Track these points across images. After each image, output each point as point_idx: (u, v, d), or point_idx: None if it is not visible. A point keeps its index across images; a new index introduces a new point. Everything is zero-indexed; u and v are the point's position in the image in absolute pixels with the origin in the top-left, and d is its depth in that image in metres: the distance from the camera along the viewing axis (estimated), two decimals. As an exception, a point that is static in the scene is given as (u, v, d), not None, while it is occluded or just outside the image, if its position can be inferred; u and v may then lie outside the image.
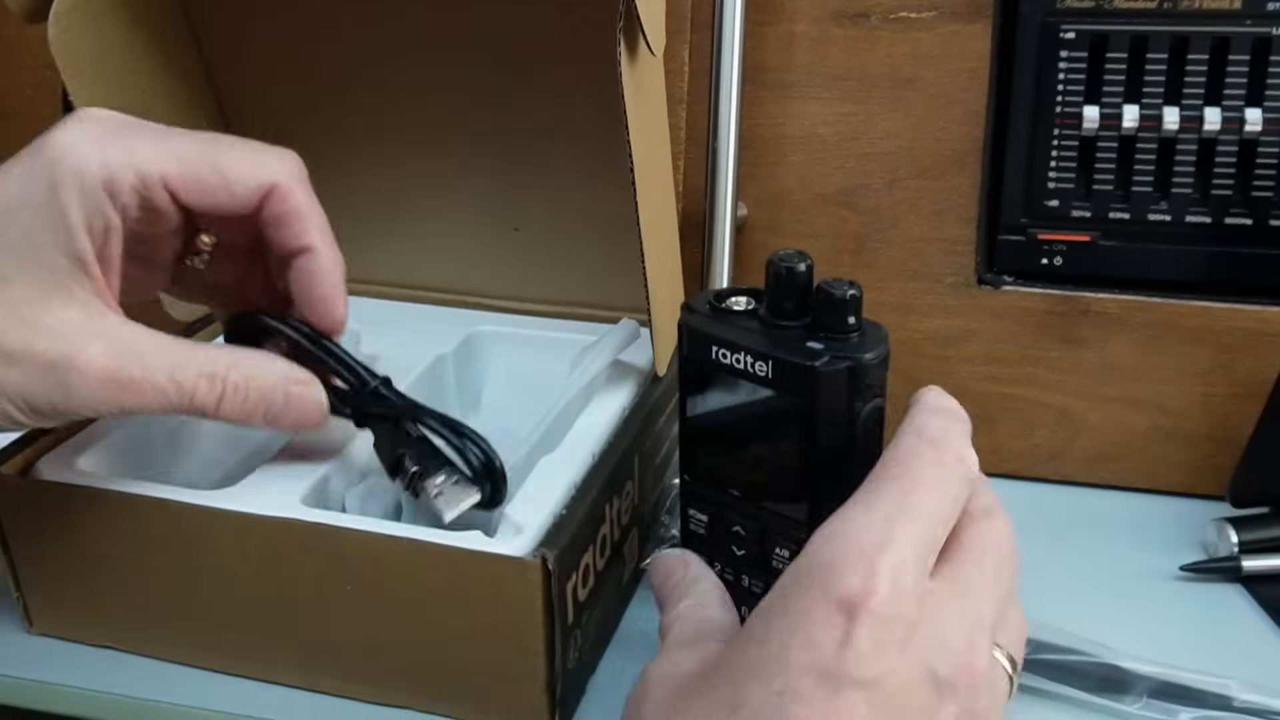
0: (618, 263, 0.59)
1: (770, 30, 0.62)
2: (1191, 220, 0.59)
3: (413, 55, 0.59)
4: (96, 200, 0.38)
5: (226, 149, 0.41)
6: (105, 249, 0.39)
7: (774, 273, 0.43)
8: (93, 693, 0.46)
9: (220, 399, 0.40)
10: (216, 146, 0.41)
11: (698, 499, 0.47)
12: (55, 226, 0.37)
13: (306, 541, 0.43)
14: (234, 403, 0.40)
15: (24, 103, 0.72)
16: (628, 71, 0.45)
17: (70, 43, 0.51)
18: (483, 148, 0.61)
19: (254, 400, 0.40)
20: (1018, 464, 0.64)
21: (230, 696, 0.46)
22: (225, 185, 0.40)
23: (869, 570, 0.30)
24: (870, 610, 0.29)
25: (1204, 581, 0.55)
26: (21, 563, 0.48)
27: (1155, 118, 0.58)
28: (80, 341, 0.37)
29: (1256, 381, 0.59)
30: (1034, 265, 0.61)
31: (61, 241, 0.37)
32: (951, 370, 0.63)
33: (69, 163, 0.37)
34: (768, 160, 0.63)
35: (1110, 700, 0.45)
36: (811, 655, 0.29)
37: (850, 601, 0.29)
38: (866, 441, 0.43)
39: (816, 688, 0.28)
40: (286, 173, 0.42)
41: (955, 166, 0.61)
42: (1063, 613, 0.49)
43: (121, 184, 0.38)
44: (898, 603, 0.29)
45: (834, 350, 0.41)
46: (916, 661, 0.29)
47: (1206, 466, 0.61)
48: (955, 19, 0.59)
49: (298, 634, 0.45)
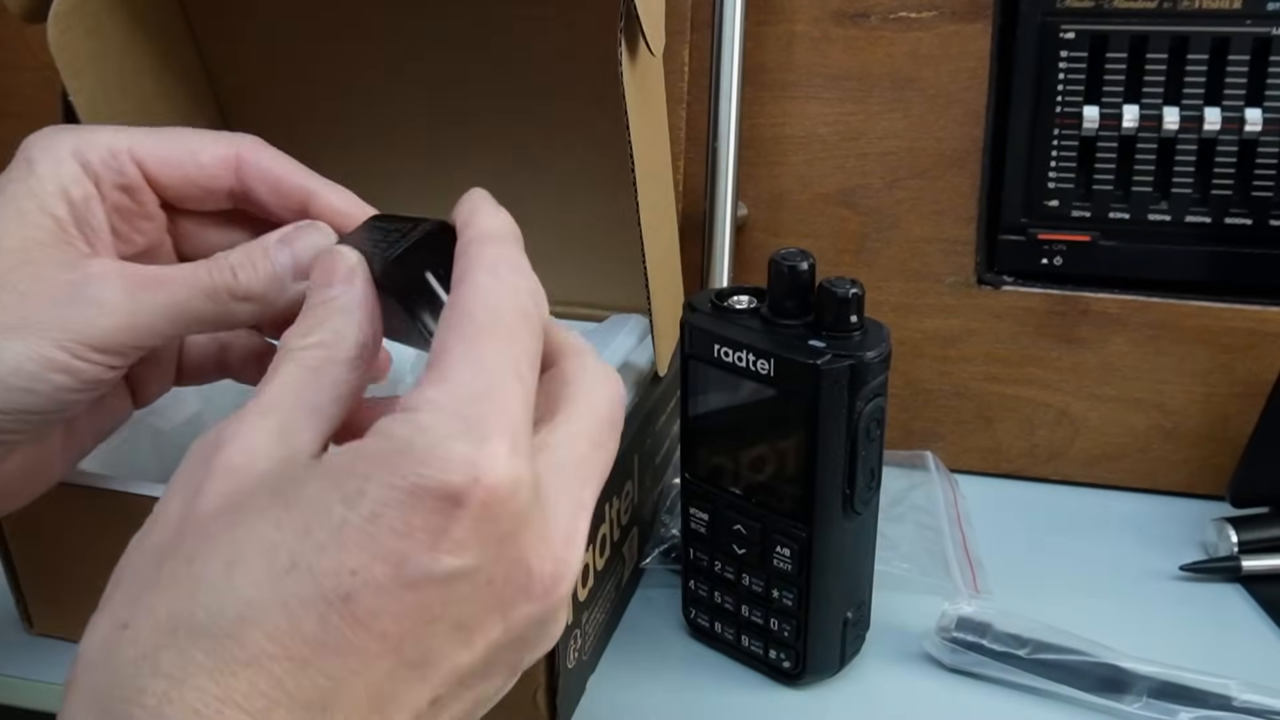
0: (618, 263, 0.59)
1: (770, 30, 0.62)
2: (1191, 220, 0.59)
3: (413, 56, 0.59)
4: (70, 169, 0.39)
5: (191, 131, 0.42)
6: (89, 218, 0.39)
7: (776, 271, 0.43)
8: (92, 692, 0.46)
9: (234, 272, 0.39)
10: (182, 130, 0.42)
11: (698, 498, 0.47)
12: (34, 194, 0.38)
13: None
14: (248, 272, 0.39)
15: (24, 103, 0.72)
16: (628, 72, 0.45)
17: (70, 43, 0.51)
18: (483, 148, 0.61)
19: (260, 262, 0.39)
20: (1018, 464, 0.64)
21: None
22: (191, 154, 0.41)
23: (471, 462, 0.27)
24: (476, 501, 0.26)
25: (1204, 581, 0.55)
26: (21, 563, 0.48)
27: (1155, 118, 0.58)
28: (88, 262, 0.38)
29: (1256, 381, 0.59)
30: (1034, 265, 0.61)
31: (42, 206, 0.38)
32: (951, 370, 0.63)
33: (41, 143, 0.39)
34: (768, 160, 0.63)
35: (1110, 700, 0.45)
36: (404, 544, 0.26)
37: (455, 494, 0.26)
38: (867, 440, 0.43)
39: (398, 574, 0.26)
40: (250, 141, 0.42)
41: (955, 166, 0.61)
42: (1063, 613, 0.49)
43: (91, 154, 0.39)
44: (502, 497, 0.27)
45: (836, 349, 0.41)
46: (514, 558, 0.28)
47: (1206, 466, 0.61)
48: (955, 19, 0.59)
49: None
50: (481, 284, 0.31)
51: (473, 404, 0.28)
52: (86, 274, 0.37)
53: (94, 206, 0.39)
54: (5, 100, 0.72)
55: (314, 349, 0.32)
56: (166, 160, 0.40)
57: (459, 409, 0.27)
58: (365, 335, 0.34)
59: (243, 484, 0.28)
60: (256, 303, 0.39)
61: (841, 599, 0.46)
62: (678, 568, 0.51)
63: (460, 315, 0.30)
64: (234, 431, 0.29)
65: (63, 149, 0.39)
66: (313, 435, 0.31)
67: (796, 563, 0.44)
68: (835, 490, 0.43)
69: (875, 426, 0.43)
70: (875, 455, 0.44)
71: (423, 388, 0.28)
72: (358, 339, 0.33)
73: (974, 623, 0.48)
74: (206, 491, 0.28)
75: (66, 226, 0.38)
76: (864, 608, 0.48)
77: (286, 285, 0.39)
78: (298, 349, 0.32)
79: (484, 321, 0.30)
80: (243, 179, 0.41)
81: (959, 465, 0.64)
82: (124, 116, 0.55)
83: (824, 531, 0.44)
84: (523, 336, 0.30)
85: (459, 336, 0.30)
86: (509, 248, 0.33)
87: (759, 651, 0.47)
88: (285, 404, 0.31)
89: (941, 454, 0.63)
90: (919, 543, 0.56)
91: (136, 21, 0.55)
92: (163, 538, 0.28)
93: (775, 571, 0.45)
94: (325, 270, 0.35)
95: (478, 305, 0.30)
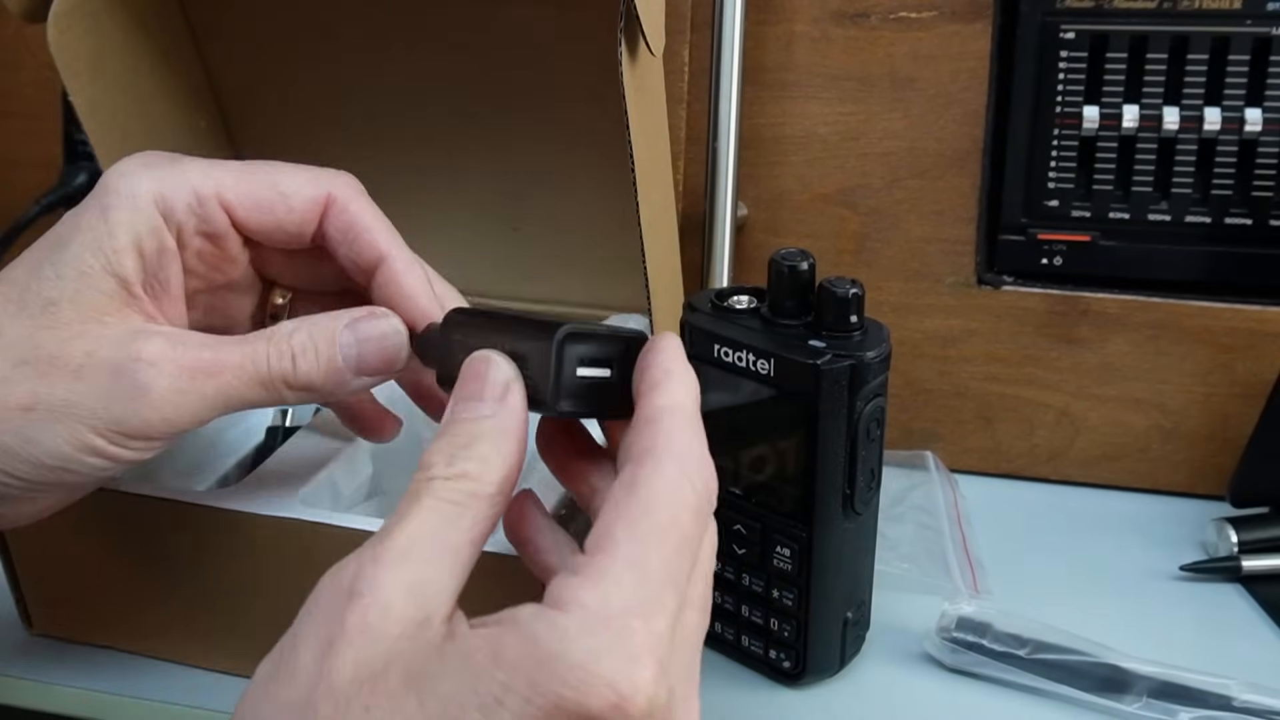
0: (618, 263, 0.59)
1: (770, 30, 0.62)
2: (1191, 220, 0.59)
3: (413, 55, 0.59)
4: (149, 220, 0.37)
5: (280, 167, 0.40)
6: (159, 273, 0.37)
7: (776, 271, 0.43)
8: (93, 693, 0.46)
9: (294, 360, 0.37)
10: (271, 165, 0.40)
11: (698, 498, 0.47)
12: (101, 248, 0.36)
13: (306, 541, 0.43)
14: (309, 361, 0.37)
15: (24, 103, 0.72)
16: (628, 72, 0.45)
17: (69, 43, 0.51)
18: (483, 148, 0.61)
19: (324, 350, 0.37)
20: (1018, 464, 0.64)
21: (230, 696, 0.46)
22: (282, 198, 0.39)
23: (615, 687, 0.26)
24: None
25: (1204, 581, 0.55)
26: (21, 563, 0.48)
27: (1155, 118, 0.58)
28: (141, 341, 0.36)
29: (1256, 381, 0.59)
30: (1034, 265, 0.61)
31: (108, 264, 0.36)
32: (951, 370, 0.63)
33: (122, 186, 0.37)
34: (768, 160, 0.63)
35: (1110, 700, 0.45)
36: None
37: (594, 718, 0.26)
38: (867, 440, 0.43)
39: None
40: (344, 183, 0.40)
41: (955, 166, 0.61)
42: (1063, 613, 0.49)
43: (175, 201, 0.37)
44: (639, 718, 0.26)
45: (836, 348, 0.41)
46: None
47: (1206, 466, 0.61)
48: (955, 19, 0.59)
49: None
50: (668, 478, 0.29)
51: (627, 616, 0.27)
52: (138, 356, 0.35)
53: (168, 261, 0.38)
54: (5, 100, 0.72)
55: (458, 481, 0.30)
56: (257, 205, 0.39)
57: (612, 619, 0.26)
58: (512, 466, 0.31)
59: (377, 652, 0.27)
60: (313, 393, 0.37)
61: (841, 599, 0.46)
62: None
63: (638, 508, 0.29)
64: (369, 582, 0.28)
65: (144, 195, 0.37)
66: (449, 588, 0.29)
67: (796, 563, 0.44)
68: (835, 490, 0.43)
69: (875, 426, 0.43)
70: (875, 455, 0.44)
71: (577, 581, 0.27)
72: (506, 472, 0.31)
73: (974, 623, 0.48)
74: (340, 653, 0.27)
75: (132, 287, 0.37)
76: (864, 608, 0.48)
77: (348, 380, 0.37)
78: (440, 479, 0.30)
79: (662, 523, 0.29)
80: (324, 226, 0.40)
81: (959, 465, 0.64)
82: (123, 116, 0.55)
83: (824, 531, 0.44)
84: (693, 543, 0.29)
85: (630, 532, 0.28)
86: (698, 428, 0.32)
87: (759, 651, 0.47)
88: (423, 550, 0.29)
89: (941, 454, 0.63)
90: (919, 543, 0.56)
91: (136, 21, 0.55)
92: (295, 696, 0.27)
93: (775, 571, 0.45)
94: (475, 380, 0.32)
95: (659, 503, 0.29)
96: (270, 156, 0.41)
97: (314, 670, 0.27)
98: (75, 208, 0.38)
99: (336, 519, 0.43)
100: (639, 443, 0.31)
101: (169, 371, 0.35)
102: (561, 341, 0.33)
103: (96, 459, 0.35)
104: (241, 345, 0.37)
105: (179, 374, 0.35)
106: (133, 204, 0.37)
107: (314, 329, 0.37)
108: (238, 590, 0.45)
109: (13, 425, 0.35)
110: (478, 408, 0.32)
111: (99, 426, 0.35)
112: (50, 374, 0.35)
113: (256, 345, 0.37)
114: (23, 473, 0.35)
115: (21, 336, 0.35)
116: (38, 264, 0.36)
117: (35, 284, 0.36)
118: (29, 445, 0.35)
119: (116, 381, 0.35)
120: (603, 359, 0.34)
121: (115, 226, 0.36)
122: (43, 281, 0.36)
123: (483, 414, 0.31)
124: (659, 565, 0.28)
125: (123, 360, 0.35)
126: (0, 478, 0.35)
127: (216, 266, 0.40)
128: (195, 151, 0.61)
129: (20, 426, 0.35)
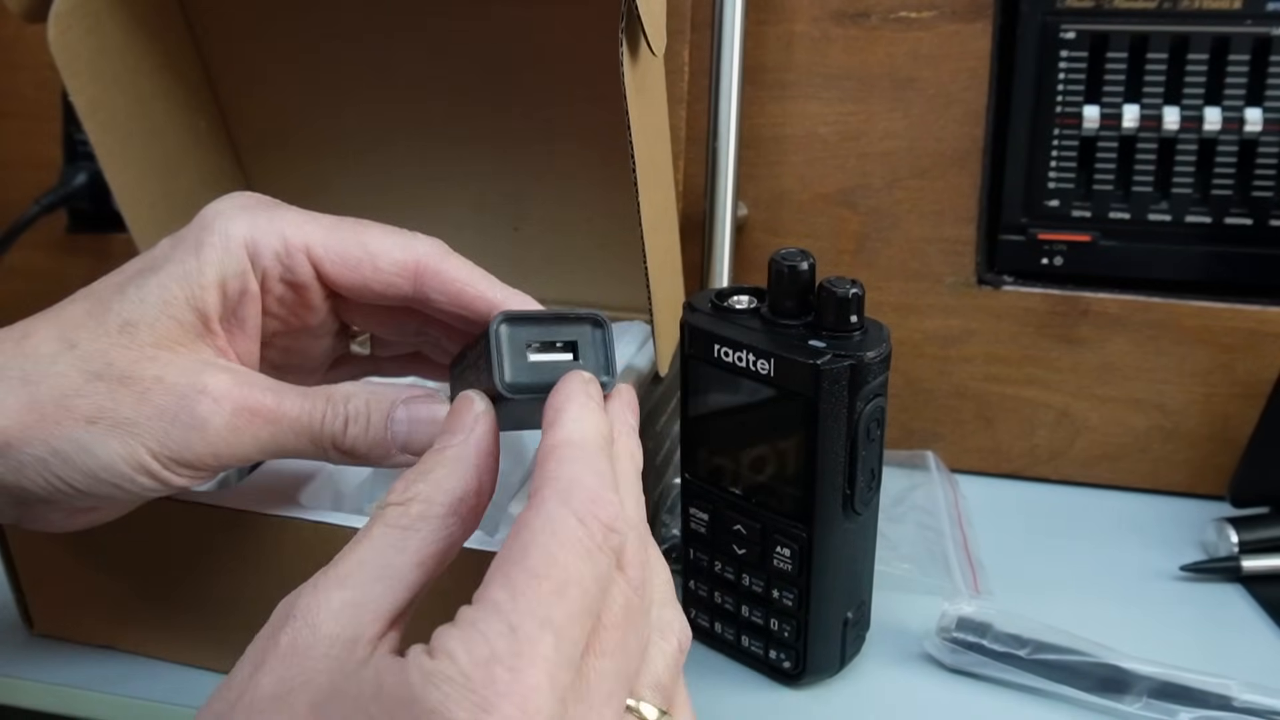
0: (618, 263, 0.59)
1: (770, 30, 0.62)
2: (1191, 220, 0.59)
3: (412, 55, 0.59)
4: (237, 260, 0.38)
5: (371, 227, 0.40)
6: (238, 312, 0.39)
7: (776, 271, 0.43)
8: (93, 693, 0.46)
9: (346, 424, 0.38)
10: (362, 225, 0.40)
11: (698, 498, 0.47)
12: (188, 281, 0.37)
13: (306, 541, 0.43)
14: (359, 428, 0.38)
15: (24, 103, 0.72)
16: (629, 72, 0.45)
17: (69, 43, 0.51)
18: (483, 148, 0.61)
19: (377, 422, 0.38)
20: (1018, 464, 0.64)
21: (230, 696, 0.46)
22: (370, 259, 0.39)
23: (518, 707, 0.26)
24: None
25: (1204, 581, 0.55)
26: (22, 563, 0.48)
27: (1155, 118, 0.58)
28: (208, 374, 0.37)
29: (1256, 381, 0.59)
30: (1034, 265, 0.61)
31: (191, 297, 0.37)
32: (951, 370, 0.63)
33: (218, 225, 0.38)
34: (768, 160, 0.63)
35: (1110, 700, 0.45)
36: None
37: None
38: (867, 440, 0.43)
39: None
40: (434, 246, 0.40)
41: (955, 166, 0.61)
42: (1063, 613, 0.49)
43: (264, 247, 0.38)
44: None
45: (836, 348, 0.41)
46: None
47: (1206, 466, 0.61)
48: (955, 19, 0.59)
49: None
50: (547, 516, 0.29)
51: (488, 666, 0.27)
52: (202, 389, 0.36)
53: (248, 303, 0.39)
54: (5, 100, 0.72)
55: (408, 505, 0.32)
56: (343, 262, 0.39)
57: (472, 669, 0.27)
58: (467, 488, 0.32)
59: (298, 670, 0.28)
60: (355, 459, 0.38)
61: (842, 599, 0.46)
62: (678, 568, 0.51)
63: (517, 551, 0.29)
64: (306, 605, 0.29)
65: (236, 236, 0.38)
66: (385, 609, 0.30)
67: (796, 563, 0.44)
68: (835, 490, 0.43)
69: (875, 426, 0.43)
70: (875, 455, 0.44)
71: (451, 630, 0.28)
72: (459, 493, 0.32)
73: (974, 623, 0.48)
74: (268, 670, 0.29)
75: (210, 322, 0.38)
76: (864, 608, 0.48)
77: (392, 454, 0.38)
78: (391, 505, 0.32)
79: (536, 566, 0.28)
80: (421, 288, 0.40)
81: (959, 465, 0.64)
82: (123, 116, 0.55)
83: (824, 532, 0.44)
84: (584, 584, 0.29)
85: (504, 579, 0.28)
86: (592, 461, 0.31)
87: (759, 652, 0.47)
88: (363, 574, 0.30)
89: (942, 454, 0.63)
90: (919, 543, 0.56)
91: (136, 21, 0.55)
92: (220, 708, 0.29)
93: (775, 572, 0.45)
94: (454, 416, 0.34)
95: (535, 544, 0.29)
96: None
97: (242, 685, 0.29)
98: (172, 236, 0.39)
99: (336, 519, 0.43)
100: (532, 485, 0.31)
101: (229, 408, 0.37)
102: (497, 327, 0.35)
103: (147, 479, 0.36)
104: (302, 399, 0.38)
105: (238, 413, 0.37)
106: (225, 244, 0.38)
107: (372, 399, 0.38)
108: (238, 590, 0.45)
109: (75, 434, 0.36)
110: (449, 439, 0.33)
111: (155, 449, 0.36)
112: (118, 391, 0.36)
113: (316, 402, 0.38)
114: (76, 482, 0.36)
115: (97, 351, 0.36)
116: (123, 285, 0.38)
117: (118, 304, 0.37)
118: (86, 456, 0.36)
119: (178, 409, 0.36)
120: (557, 343, 0.35)
121: (205, 264, 0.38)
122: (125, 302, 0.37)
123: (450, 444, 0.33)
124: (532, 612, 0.28)
125: (188, 389, 0.36)
126: (54, 483, 0.36)
127: (296, 313, 0.41)
128: (195, 151, 0.61)
129: (82, 437, 0.36)
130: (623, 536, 0.31)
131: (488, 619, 0.28)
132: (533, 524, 0.29)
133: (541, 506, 0.30)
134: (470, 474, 0.33)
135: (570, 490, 0.30)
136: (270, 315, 0.40)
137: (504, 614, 0.28)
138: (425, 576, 0.31)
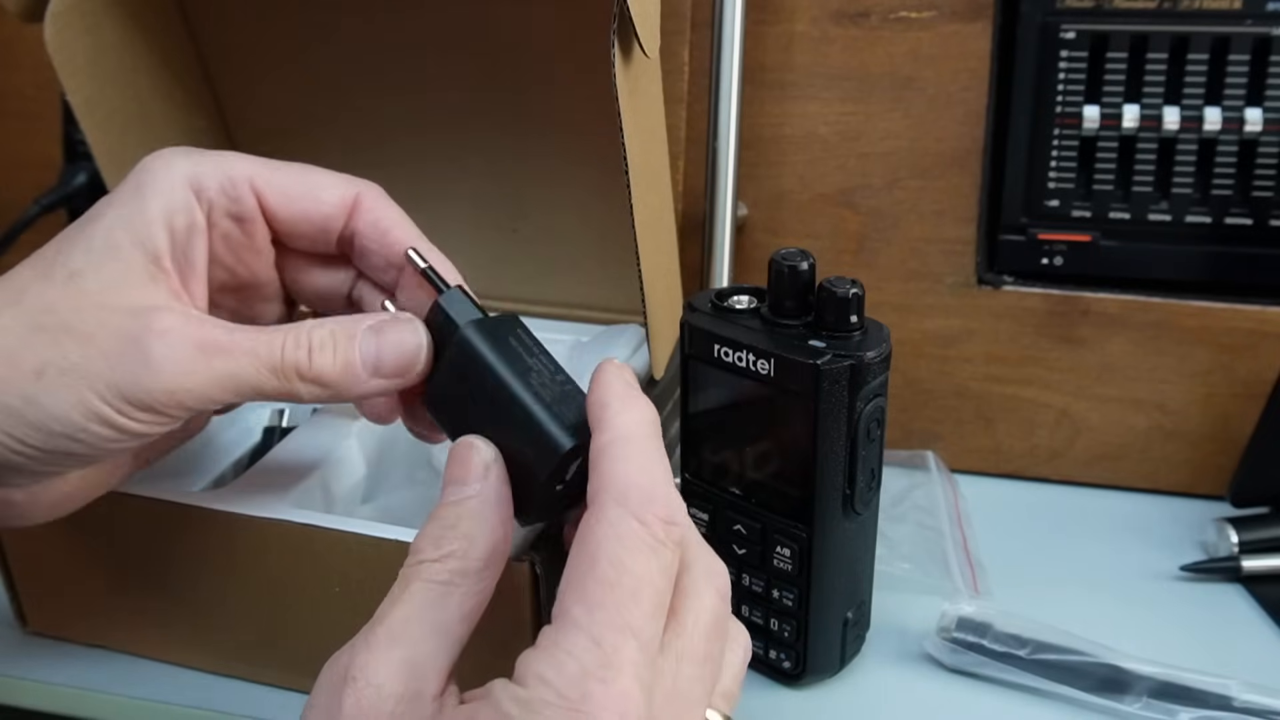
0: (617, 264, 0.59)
1: (770, 30, 0.62)
2: (1191, 220, 0.59)
3: (412, 54, 0.59)
4: (182, 196, 0.38)
5: (313, 169, 0.41)
6: (187, 249, 0.38)
7: (776, 271, 0.43)
8: (87, 691, 0.46)
9: (310, 351, 0.37)
10: (304, 165, 0.41)
11: (698, 498, 0.47)
12: (133, 222, 0.37)
13: (296, 543, 0.43)
14: (325, 355, 0.37)
15: (24, 103, 0.72)
16: (621, 73, 0.45)
17: (67, 42, 0.51)
18: (483, 148, 0.61)
19: (343, 346, 0.37)
20: (1018, 464, 0.64)
21: (227, 696, 0.46)
22: (312, 191, 0.40)
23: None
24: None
25: (1204, 581, 0.55)
26: (15, 560, 0.48)
27: (1155, 118, 0.58)
28: (157, 314, 0.36)
29: (1256, 381, 0.59)
30: (1034, 265, 0.61)
31: (138, 238, 0.37)
32: (951, 370, 0.63)
33: (157, 166, 0.38)
34: (768, 160, 0.63)
35: (1110, 700, 0.45)
36: None
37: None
38: (867, 440, 0.43)
39: None
40: (371, 186, 0.41)
41: (955, 166, 0.61)
42: (1063, 613, 0.49)
43: (209, 180, 0.38)
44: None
45: (836, 349, 0.41)
46: None
47: (1206, 466, 0.61)
48: (955, 19, 0.59)
49: (289, 635, 0.45)
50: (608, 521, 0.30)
51: (583, 682, 0.28)
52: (148, 327, 0.35)
53: (196, 240, 0.38)
54: (5, 100, 0.72)
55: (444, 561, 0.32)
56: (287, 194, 0.40)
57: (567, 688, 0.27)
58: (498, 539, 0.33)
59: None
60: (325, 389, 0.37)
61: (842, 599, 0.46)
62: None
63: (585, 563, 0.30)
64: (363, 665, 0.30)
65: (177, 174, 0.38)
66: (441, 665, 0.31)
67: (797, 563, 0.44)
68: (835, 490, 0.43)
69: (875, 426, 0.43)
70: (875, 455, 0.44)
71: (534, 655, 0.28)
72: (491, 546, 0.33)
73: (974, 623, 0.48)
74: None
75: (161, 260, 0.37)
76: (864, 608, 0.48)
77: (361, 379, 0.37)
78: (429, 562, 0.32)
79: (607, 574, 0.29)
80: (354, 223, 0.41)
81: (959, 465, 0.64)
82: (121, 115, 0.55)
83: (824, 532, 0.44)
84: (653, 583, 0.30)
85: (578, 594, 0.29)
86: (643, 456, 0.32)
87: (759, 652, 0.47)
88: (414, 631, 0.31)
89: (942, 454, 0.63)
90: (919, 543, 0.56)
91: (134, 20, 0.55)
92: None
93: (775, 572, 0.45)
94: (459, 465, 0.34)
95: (601, 553, 0.30)
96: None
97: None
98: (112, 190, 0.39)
99: (325, 520, 0.43)
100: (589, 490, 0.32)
101: (178, 344, 0.35)
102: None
103: (101, 427, 0.35)
104: (259, 333, 0.37)
105: (188, 347, 0.36)
106: (167, 181, 0.38)
107: (336, 326, 0.38)
108: (228, 591, 0.45)
109: (22, 388, 0.35)
110: (461, 490, 0.33)
111: (105, 393, 0.35)
112: (63, 340, 0.35)
113: (274, 334, 0.37)
114: (31, 439, 0.35)
115: (43, 304, 0.35)
116: (69, 237, 0.37)
117: (63, 256, 0.36)
118: (36, 410, 0.35)
119: (125, 349, 0.35)
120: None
121: (148, 203, 0.37)
122: (71, 253, 0.36)
123: (467, 494, 0.33)
124: (611, 621, 0.29)
125: (135, 329, 0.35)
126: (10, 444, 0.35)
127: (242, 258, 0.41)
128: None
129: (29, 390, 0.35)
130: (681, 528, 0.31)
131: (571, 636, 0.28)
132: (596, 531, 0.30)
133: (601, 513, 0.30)
134: (497, 524, 0.33)
135: (626, 492, 0.31)
136: (217, 262, 0.40)
137: (584, 628, 0.29)
138: (469, 630, 0.32)
